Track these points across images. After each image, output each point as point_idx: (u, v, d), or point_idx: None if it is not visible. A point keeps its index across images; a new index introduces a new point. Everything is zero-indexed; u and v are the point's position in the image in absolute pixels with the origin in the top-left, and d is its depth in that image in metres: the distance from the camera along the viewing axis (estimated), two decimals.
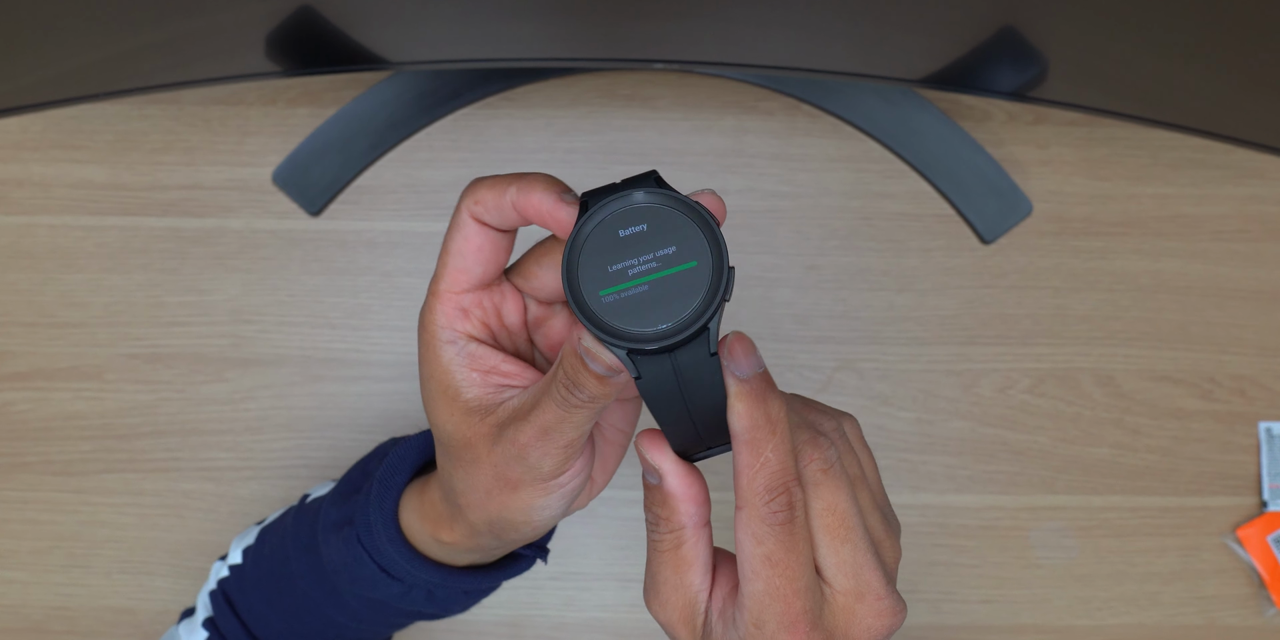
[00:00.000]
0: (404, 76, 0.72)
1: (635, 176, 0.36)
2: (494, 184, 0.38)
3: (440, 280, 0.39)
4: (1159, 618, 0.71)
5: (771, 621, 0.36)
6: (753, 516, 0.35)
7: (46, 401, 0.71)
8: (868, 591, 0.36)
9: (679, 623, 0.38)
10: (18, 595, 0.70)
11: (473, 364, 0.39)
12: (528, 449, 0.38)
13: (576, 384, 0.36)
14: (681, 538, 0.38)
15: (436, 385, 0.40)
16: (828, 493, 0.36)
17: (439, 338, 0.39)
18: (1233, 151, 0.74)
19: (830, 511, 0.36)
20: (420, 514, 0.46)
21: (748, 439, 0.36)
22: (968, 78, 0.59)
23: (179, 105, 0.73)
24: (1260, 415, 0.72)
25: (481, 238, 0.39)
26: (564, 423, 0.37)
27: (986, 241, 0.73)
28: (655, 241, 0.35)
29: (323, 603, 0.50)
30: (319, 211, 0.73)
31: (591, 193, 0.37)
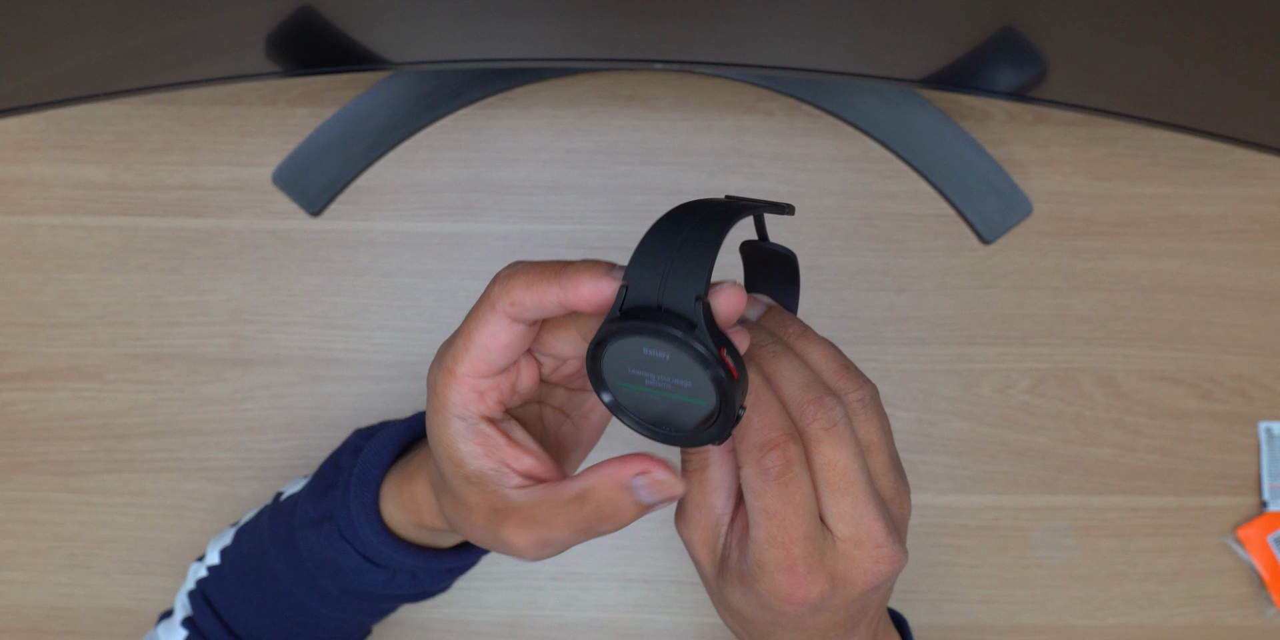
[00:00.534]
0: (404, 76, 0.72)
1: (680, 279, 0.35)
2: (531, 284, 0.37)
3: (460, 364, 0.39)
4: (1159, 618, 0.71)
5: (770, 564, 0.38)
6: (750, 473, 0.38)
7: (46, 401, 0.71)
8: (867, 539, 0.39)
9: (701, 542, 0.41)
10: (18, 595, 0.70)
11: (477, 440, 0.40)
12: (523, 551, 0.39)
13: (609, 517, 0.37)
14: (707, 460, 0.40)
15: (441, 449, 0.40)
16: (828, 449, 0.38)
17: (450, 412, 0.40)
18: (1233, 151, 0.74)
19: (830, 466, 0.38)
20: (400, 504, 0.47)
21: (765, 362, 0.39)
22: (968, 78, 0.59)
23: (179, 105, 0.73)
24: (1260, 415, 0.72)
25: (510, 334, 0.39)
26: (570, 542, 0.39)
27: (986, 241, 0.73)
28: (674, 370, 0.35)
29: (305, 597, 0.51)
30: (319, 211, 0.73)
31: (633, 272, 0.36)
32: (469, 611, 0.70)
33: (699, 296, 0.34)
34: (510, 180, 0.73)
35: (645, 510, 0.37)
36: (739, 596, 0.40)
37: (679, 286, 0.34)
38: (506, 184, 0.73)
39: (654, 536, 0.71)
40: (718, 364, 0.34)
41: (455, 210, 0.73)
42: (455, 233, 0.73)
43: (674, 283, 0.35)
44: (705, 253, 0.34)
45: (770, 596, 0.39)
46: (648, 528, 0.71)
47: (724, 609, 0.43)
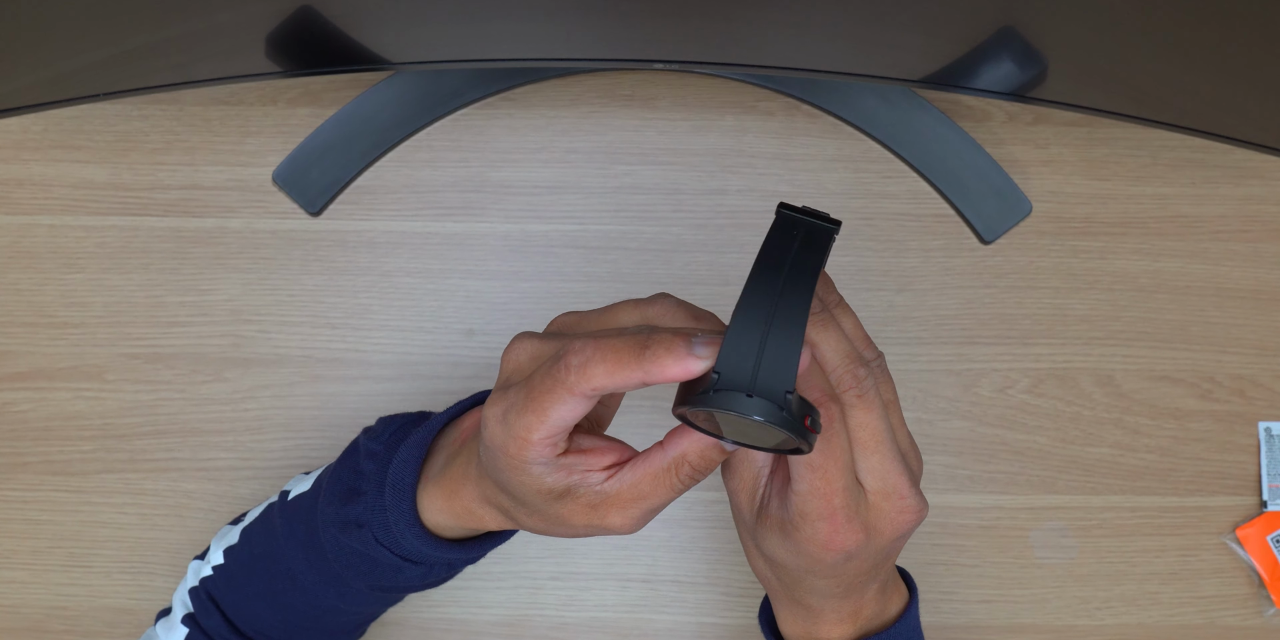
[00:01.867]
0: (404, 76, 0.72)
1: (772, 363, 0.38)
2: (612, 373, 0.39)
3: (534, 433, 0.41)
4: (1159, 617, 0.71)
5: (812, 514, 0.43)
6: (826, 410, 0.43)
7: (47, 401, 0.71)
8: (893, 492, 0.43)
9: (743, 491, 0.46)
10: (18, 595, 0.70)
11: (561, 470, 0.42)
12: (633, 527, 0.43)
13: (707, 469, 0.42)
14: None
15: (525, 488, 0.43)
16: (861, 413, 0.43)
17: (529, 463, 0.42)
18: (1233, 151, 0.74)
19: (863, 427, 0.43)
20: (452, 515, 0.49)
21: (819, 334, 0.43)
22: (968, 78, 0.59)
23: (179, 105, 0.73)
24: (1260, 415, 0.72)
25: (584, 407, 0.40)
26: (668, 503, 0.43)
27: (986, 241, 0.73)
28: (761, 431, 0.39)
29: (323, 595, 0.52)
30: (319, 211, 0.73)
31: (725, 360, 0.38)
32: (469, 611, 0.70)
33: (789, 391, 0.37)
34: (510, 180, 0.73)
35: (728, 455, 0.42)
36: (777, 543, 0.45)
37: (772, 376, 0.37)
38: (506, 184, 0.73)
39: (654, 536, 0.71)
40: (805, 433, 0.38)
41: (455, 210, 0.73)
42: (455, 233, 0.73)
43: (767, 372, 0.37)
44: (795, 339, 0.37)
45: (809, 544, 0.43)
46: (648, 528, 0.71)
47: (758, 557, 0.47)
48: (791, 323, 0.38)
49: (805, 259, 0.39)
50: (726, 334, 0.38)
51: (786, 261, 0.39)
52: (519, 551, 0.71)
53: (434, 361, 0.72)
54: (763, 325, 0.38)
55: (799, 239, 0.40)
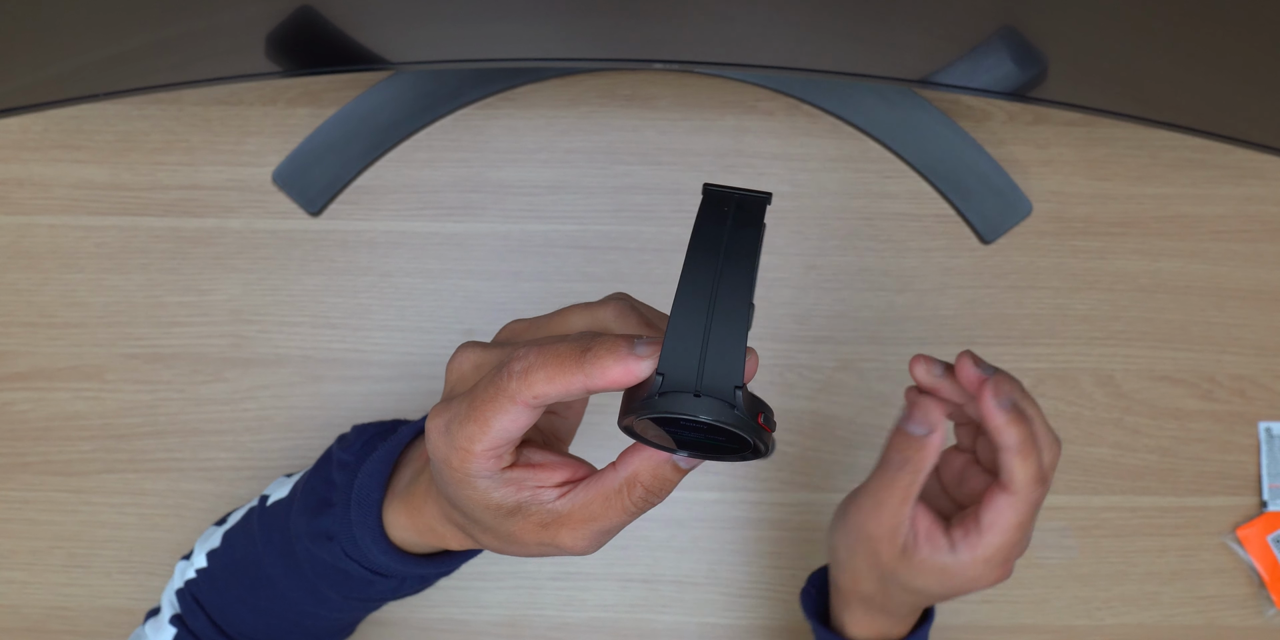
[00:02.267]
0: (404, 76, 0.72)
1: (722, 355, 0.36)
2: (553, 378, 0.37)
3: (477, 443, 0.39)
4: (1159, 618, 0.71)
5: (997, 559, 0.50)
6: (1020, 499, 0.48)
7: (46, 401, 0.71)
8: (1028, 542, 0.52)
9: (885, 537, 0.50)
10: (18, 595, 0.70)
11: (508, 484, 0.41)
12: (584, 548, 0.42)
13: (661, 491, 0.41)
14: (918, 477, 0.49)
15: (474, 503, 0.42)
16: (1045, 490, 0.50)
17: (474, 477, 0.41)
18: (1233, 151, 0.74)
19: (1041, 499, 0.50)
20: (415, 532, 0.48)
21: (1020, 449, 0.48)
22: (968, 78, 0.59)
23: (179, 105, 0.73)
24: (1260, 415, 0.72)
25: (529, 418, 0.39)
26: (623, 524, 0.42)
27: (986, 241, 0.73)
28: (712, 432, 0.37)
29: (301, 601, 0.52)
30: (319, 211, 0.73)
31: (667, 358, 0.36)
32: (469, 611, 0.70)
33: (738, 385, 0.35)
34: (510, 180, 0.73)
35: (684, 474, 0.41)
36: (928, 580, 0.50)
37: (718, 372, 0.35)
38: (506, 184, 0.73)
39: (654, 536, 0.71)
40: (760, 433, 0.36)
41: (455, 210, 0.73)
42: (455, 233, 0.73)
43: (712, 368, 0.35)
44: (738, 331, 0.35)
45: (973, 582, 0.50)
46: (648, 528, 0.71)
47: (883, 583, 0.52)
48: (734, 314, 0.35)
49: (740, 238, 0.36)
50: (667, 332, 0.36)
51: (722, 243, 0.36)
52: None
53: (434, 361, 0.72)
54: (704, 319, 0.35)
55: (731, 215, 0.37)
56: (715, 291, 0.35)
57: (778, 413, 0.72)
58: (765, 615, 0.71)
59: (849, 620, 0.56)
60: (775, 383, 0.72)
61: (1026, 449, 0.48)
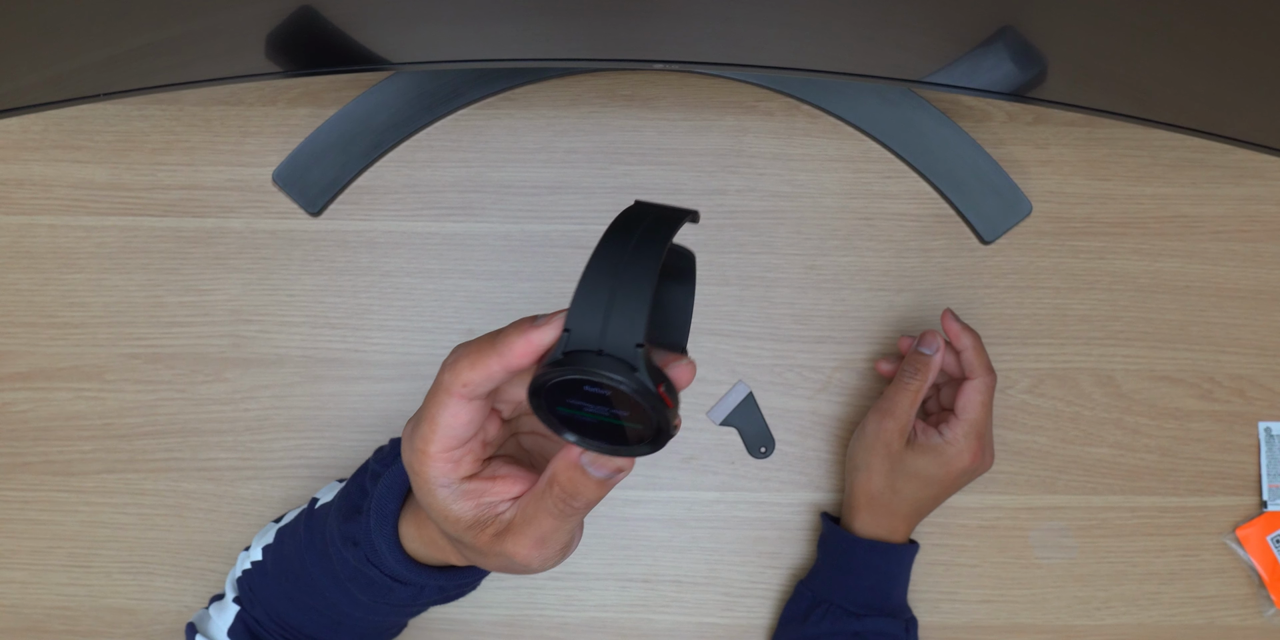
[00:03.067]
0: (404, 76, 0.72)
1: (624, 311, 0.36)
2: (475, 363, 0.40)
3: (430, 444, 0.42)
4: (1159, 618, 0.71)
5: (973, 435, 0.64)
6: (981, 382, 0.64)
7: (47, 401, 0.71)
8: (990, 441, 0.66)
9: (896, 431, 0.65)
10: (18, 595, 0.70)
11: (466, 497, 0.43)
12: (528, 558, 0.43)
13: (574, 494, 0.41)
14: (924, 386, 0.64)
15: (435, 511, 0.44)
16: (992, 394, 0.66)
17: (434, 484, 0.43)
18: (1233, 151, 0.74)
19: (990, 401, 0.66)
20: (423, 542, 0.50)
21: (975, 348, 0.64)
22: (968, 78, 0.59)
23: (179, 105, 0.73)
24: (1260, 415, 0.72)
25: (469, 412, 0.41)
26: (559, 529, 0.43)
27: (986, 241, 0.73)
28: (614, 403, 0.37)
29: (339, 601, 0.54)
30: (319, 211, 0.73)
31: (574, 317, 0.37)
32: (469, 611, 0.70)
33: (639, 343, 0.36)
34: (510, 180, 0.73)
35: (602, 485, 0.41)
36: (926, 462, 0.64)
37: (620, 332, 0.36)
38: (506, 184, 0.73)
39: (654, 536, 0.71)
40: (657, 401, 0.36)
41: (455, 210, 0.73)
42: (455, 233, 0.73)
43: (615, 328, 0.36)
44: (642, 296, 0.36)
45: (957, 457, 0.64)
46: (647, 527, 0.71)
47: (883, 475, 0.65)
48: (639, 284, 0.36)
49: (655, 228, 0.37)
50: (571, 302, 0.37)
51: (636, 232, 0.37)
52: None
53: (434, 361, 0.72)
54: (608, 291, 0.36)
55: (651, 216, 0.38)
56: (622, 264, 0.36)
57: (778, 412, 0.72)
58: (765, 615, 0.71)
59: (857, 523, 0.66)
60: (775, 383, 0.72)
61: (978, 347, 0.65)
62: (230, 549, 0.71)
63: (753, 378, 0.72)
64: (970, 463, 0.64)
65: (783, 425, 0.72)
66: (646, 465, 0.72)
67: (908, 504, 0.65)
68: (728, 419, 0.72)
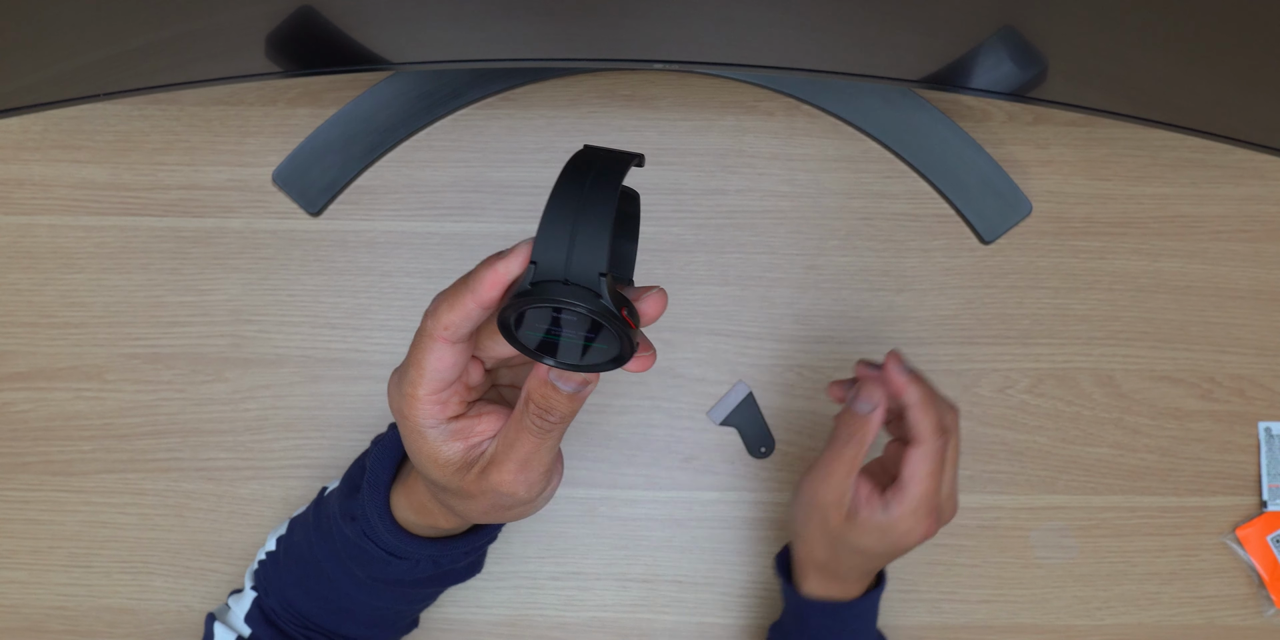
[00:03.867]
0: (404, 76, 0.72)
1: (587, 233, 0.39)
2: (452, 303, 0.42)
3: (419, 387, 0.44)
4: (1159, 617, 0.71)
5: (922, 510, 0.56)
6: (928, 448, 0.55)
7: (47, 401, 0.71)
8: (953, 495, 0.57)
9: (833, 503, 0.57)
10: (18, 595, 0.70)
11: (454, 437, 0.45)
12: (514, 485, 0.45)
13: (549, 409, 0.43)
14: (861, 451, 0.56)
15: (425, 457, 0.45)
16: (956, 439, 0.57)
17: (422, 427, 0.45)
18: (1233, 151, 0.74)
19: (955, 448, 0.57)
20: (412, 510, 0.52)
21: (922, 404, 0.55)
22: (968, 78, 0.59)
23: (179, 105, 0.73)
24: (1260, 415, 0.72)
25: (453, 355, 0.43)
26: (539, 449, 0.44)
27: (986, 241, 0.73)
28: (583, 327, 0.40)
29: (343, 583, 0.56)
30: (319, 211, 0.73)
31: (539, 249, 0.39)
32: (469, 611, 0.71)
33: (602, 272, 0.39)
34: (510, 180, 0.73)
35: (573, 398, 0.43)
36: (870, 539, 0.56)
37: (583, 262, 0.39)
38: (506, 184, 0.73)
39: (654, 536, 0.71)
40: (621, 323, 0.39)
41: (455, 210, 0.73)
42: (455, 233, 0.73)
43: (578, 258, 0.39)
44: (602, 228, 0.39)
45: (906, 535, 0.56)
46: (647, 528, 0.71)
47: (826, 548, 0.58)
48: (599, 216, 0.39)
49: (608, 170, 0.40)
50: (536, 234, 0.39)
51: (590, 173, 0.40)
52: (519, 552, 0.71)
53: None
54: (570, 223, 0.39)
55: (601, 159, 0.41)
56: (581, 202, 0.39)
57: (778, 412, 0.72)
58: (765, 615, 0.71)
59: (806, 583, 0.61)
60: (775, 383, 0.72)
61: (925, 403, 0.55)
62: (230, 549, 0.71)
63: (753, 378, 0.72)
64: (923, 537, 0.57)
65: (783, 425, 0.72)
66: (646, 465, 0.72)
67: (856, 572, 0.60)
68: (728, 419, 0.72)
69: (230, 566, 0.71)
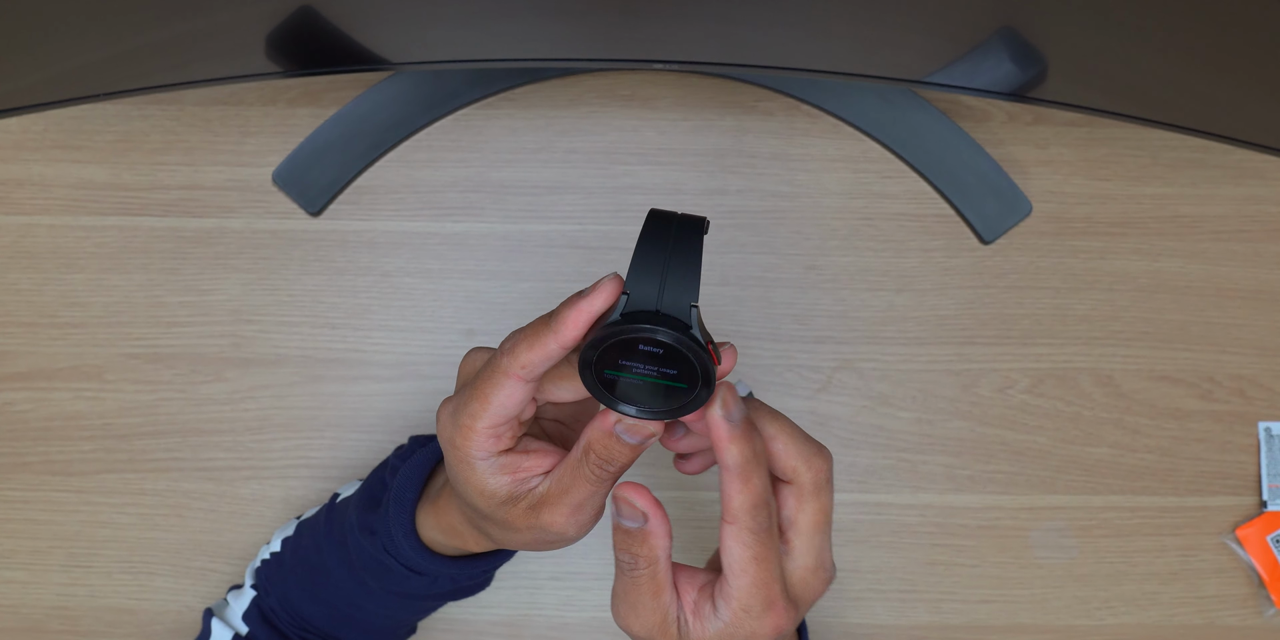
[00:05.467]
0: (404, 76, 0.72)
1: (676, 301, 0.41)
2: (532, 344, 0.42)
3: (479, 421, 0.44)
4: (1159, 618, 0.71)
5: (757, 605, 0.43)
6: (742, 528, 0.43)
7: (47, 401, 0.71)
8: (821, 565, 0.45)
9: (658, 633, 0.45)
10: (18, 595, 0.70)
11: (502, 471, 0.45)
12: (564, 526, 0.45)
13: (609, 460, 0.43)
14: (657, 569, 0.44)
15: (472, 488, 0.45)
16: (825, 497, 0.45)
17: (474, 459, 0.45)
18: (1233, 151, 0.74)
19: (821, 511, 0.45)
20: (440, 530, 0.52)
21: (739, 471, 0.42)
22: (968, 78, 0.59)
23: (179, 105, 0.73)
24: (1260, 415, 0.72)
25: (522, 393, 0.44)
26: (595, 496, 0.45)
27: (986, 242, 0.73)
28: (664, 361, 0.41)
29: (352, 592, 0.56)
30: (319, 211, 0.73)
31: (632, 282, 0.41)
32: (469, 611, 0.71)
33: (693, 304, 0.41)
34: (510, 180, 0.73)
35: (635, 449, 0.43)
36: None
37: (675, 295, 0.41)
38: (506, 184, 0.73)
39: None
40: (706, 356, 0.41)
41: (455, 210, 0.73)
42: (455, 233, 0.73)
43: (670, 292, 0.41)
44: (693, 264, 0.41)
45: (754, 635, 0.44)
46: None
47: None
48: (688, 252, 0.41)
49: (689, 220, 0.42)
50: (629, 272, 0.41)
51: (674, 222, 0.42)
52: (519, 552, 0.71)
53: (434, 361, 0.72)
54: (662, 261, 0.41)
55: (678, 216, 0.43)
56: (671, 243, 0.42)
57: None
58: None
59: None
60: (775, 383, 0.72)
61: (746, 471, 0.42)
62: (230, 549, 0.71)
63: (753, 378, 0.72)
64: (775, 631, 0.44)
65: None
66: (646, 465, 0.72)
67: None
68: None
69: (230, 566, 0.71)
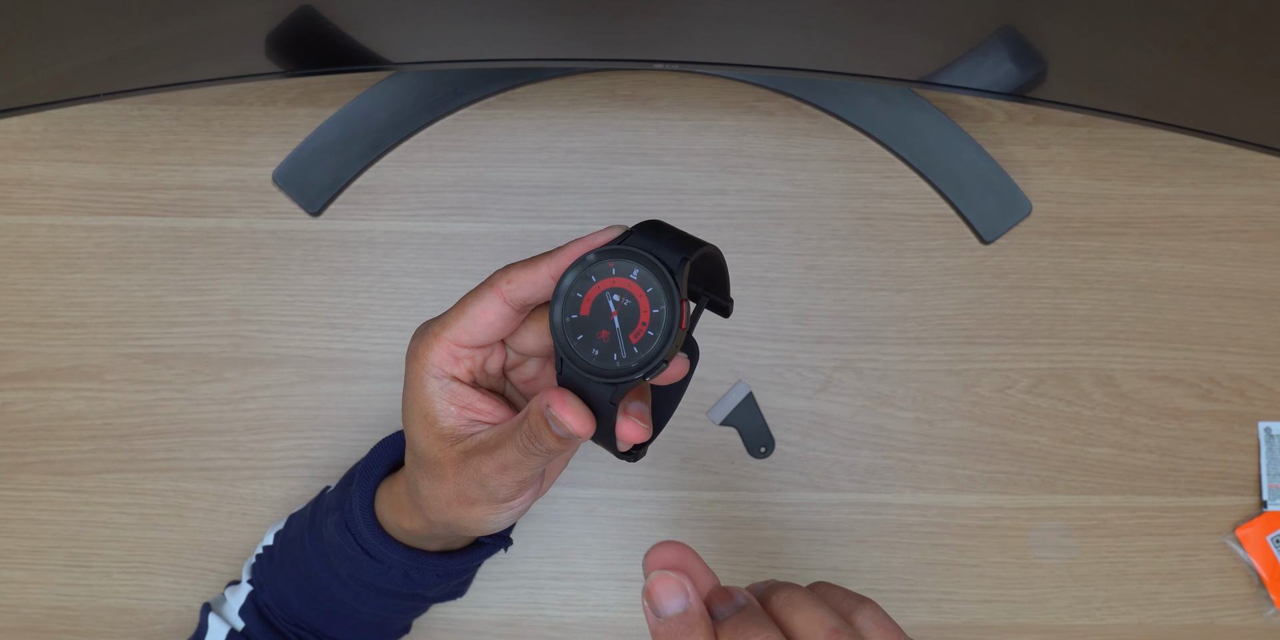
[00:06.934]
0: (404, 76, 0.72)
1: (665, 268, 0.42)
2: (528, 264, 0.43)
3: (446, 329, 0.44)
4: (1159, 618, 0.71)
5: None
6: None
7: (47, 401, 0.71)
8: None
9: None
10: (18, 595, 0.70)
11: (452, 399, 0.45)
12: (488, 479, 0.44)
13: (537, 438, 0.43)
14: None
15: (417, 410, 0.45)
16: None
17: (428, 372, 0.44)
18: (1233, 151, 0.74)
19: None
20: (389, 504, 0.52)
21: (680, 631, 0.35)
22: (968, 78, 0.59)
23: (179, 105, 0.73)
24: (1259, 415, 0.72)
25: (496, 312, 0.44)
26: (521, 464, 0.44)
27: (986, 241, 0.73)
28: (628, 315, 0.42)
29: (328, 581, 0.55)
30: (319, 211, 0.73)
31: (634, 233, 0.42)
32: (469, 611, 0.71)
33: (685, 258, 0.41)
34: (510, 180, 0.73)
35: (559, 440, 0.42)
36: None
37: (671, 248, 0.41)
38: (506, 184, 0.73)
39: (654, 537, 0.71)
40: (677, 309, 0.41)
41: (455, 210, 0.73)
42: (455, 233, 0.73)
43: (667, 245, 0.42)
44: (693, 239, 0.42)
45: None
46: (647, 529, 0.71)
47: None
48: (690, 238, 0.42)
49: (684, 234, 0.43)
50: (630, 232, 0.42)
51: (675, 230, 0.43)
52: (519, 551, 0.71)
53: None
54: (665, 232, 0.42)
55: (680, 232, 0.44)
56: (671, 232, 0.42)
57: (778, 412, 0.72)
58: None
59: None
60: (775, 383, 0.72)
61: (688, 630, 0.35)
62: (230, 549, 0.71)
63: (753, 378, 0.72)
64: None
65: (783, 425, 0.72)
66: (646, 465, 0.72)
67: None
68: (728, 419, 0.72)
69: (230, 566, 0.71)
